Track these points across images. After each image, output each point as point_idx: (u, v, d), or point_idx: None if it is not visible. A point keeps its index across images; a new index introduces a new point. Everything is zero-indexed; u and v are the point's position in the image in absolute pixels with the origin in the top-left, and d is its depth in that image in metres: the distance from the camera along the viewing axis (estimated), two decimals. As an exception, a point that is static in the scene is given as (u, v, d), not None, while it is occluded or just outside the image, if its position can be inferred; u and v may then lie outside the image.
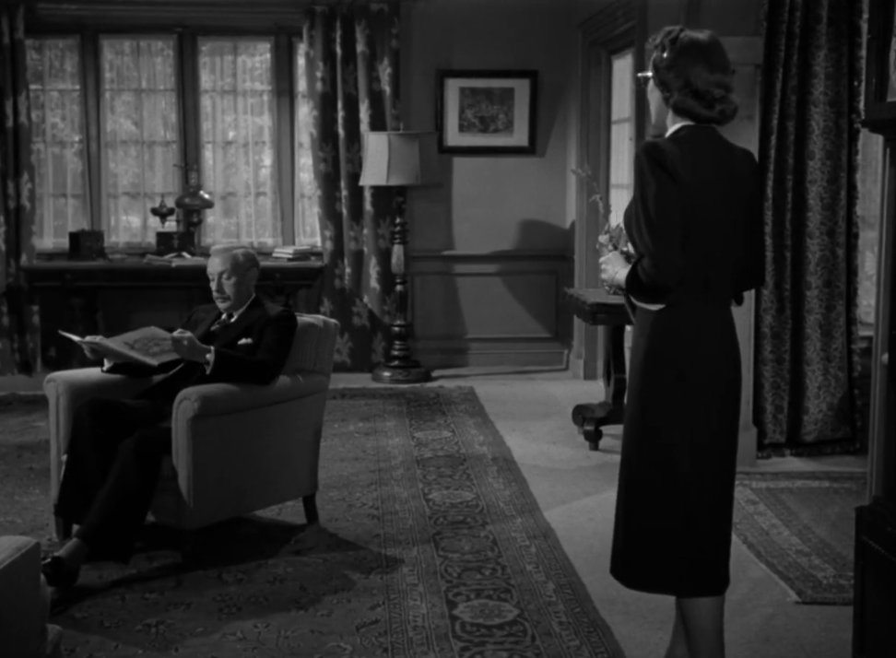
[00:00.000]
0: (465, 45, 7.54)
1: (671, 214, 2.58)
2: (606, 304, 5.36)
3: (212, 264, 4.22)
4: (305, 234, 7.82)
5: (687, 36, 2.67)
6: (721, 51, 2.69)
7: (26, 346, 7.42)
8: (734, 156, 2.72)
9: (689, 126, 2.69)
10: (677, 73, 2.65)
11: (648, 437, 2.71)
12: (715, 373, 2.68)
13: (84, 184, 7.66)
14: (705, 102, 2.65)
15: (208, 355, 3.93)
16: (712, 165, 2.65)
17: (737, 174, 2.70)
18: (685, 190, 2.59)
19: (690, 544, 2.69)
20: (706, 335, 2.67)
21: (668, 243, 2.57)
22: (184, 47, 7.63)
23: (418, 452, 5.39)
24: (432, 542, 4.10)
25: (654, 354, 2.69)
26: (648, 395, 2.70)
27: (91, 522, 3.64)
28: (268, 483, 4.09)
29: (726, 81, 2.67)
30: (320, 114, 7.38)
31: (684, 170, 2.59)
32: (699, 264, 2.63)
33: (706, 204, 2.63)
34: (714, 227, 2.65)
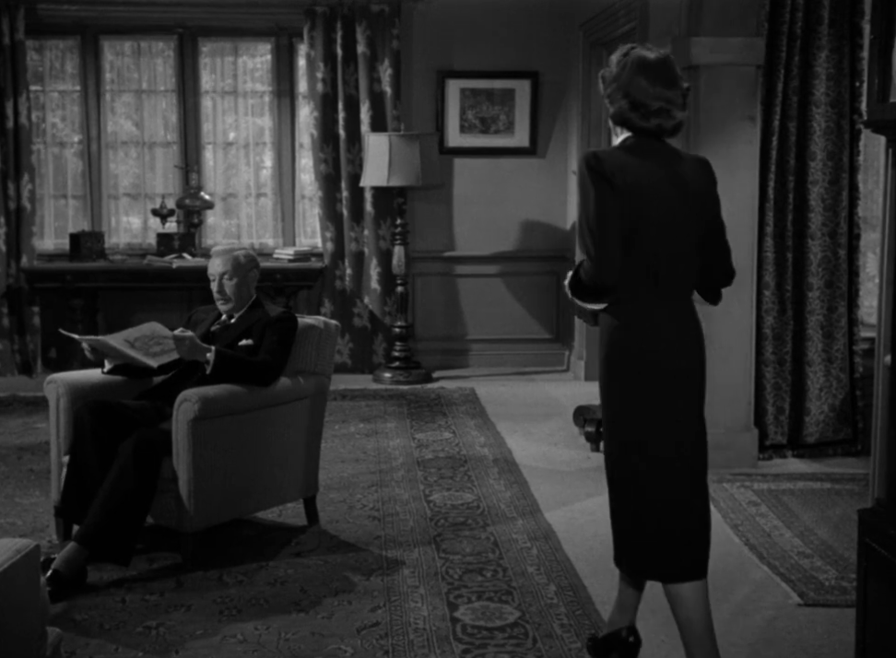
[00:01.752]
0: (466, 46, 7.53)
1: (609, 218, 2.73)
2: (607, 305, 5.34)
3: (213, 265, 4.21)
4: (306, 235, 7.81)
5: (636, 53, 2.81)
6: (668, 68, 2.80)
7: (26, 347, 7.41)
8: (683, 164, 2.85)
9: (634, 137, 2.82)
10: (618, 85, 2.80)
11: (615, 429, 2.87)
12: (668, 364, 2.79)
13: (84, 185, 7.65)
14: (641, 114, 2.78)
15: (209, 354, 3.92)
16: (654, 172, 2.78)
17: (686, 181, 2.82)
18: (623, 195, 2.73)
19: (664, 530, 2.82)
20: (658, 329, 2.80)
21: (606, 246, 2.72)
22: (185, 48, 7.62)
23: (418, 454, 5.38)
24: (433, 544, 4.09)
25: (612, 349, 2.83)
26: (610, 389, 2.86)
27: (90, 524, 3.63)
28: (269, 485, 4.08)
29: (669, 96, 2.78)
30: (320, 115, 7.37)
31: (622, 177, 2.73)
32: (647, 263, 2.77)
33: (648, 208, 2.76)
34: (659, 229, 2.77)
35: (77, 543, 3.61)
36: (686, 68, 5.03)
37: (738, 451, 5.12)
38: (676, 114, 2.80)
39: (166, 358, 3.97)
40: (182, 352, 3.92)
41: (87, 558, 3.63)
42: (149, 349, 3.94)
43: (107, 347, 3.98)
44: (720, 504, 4.57)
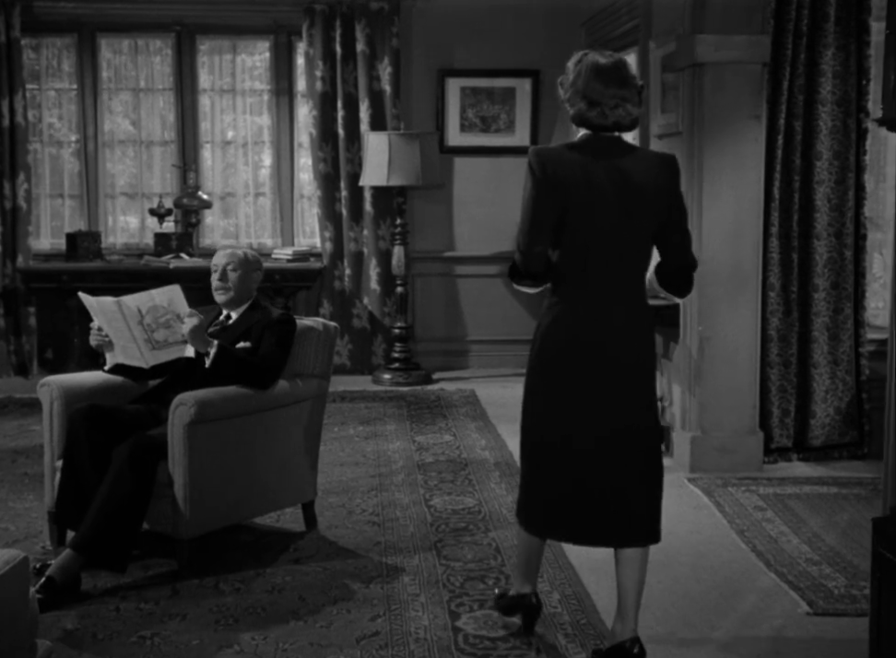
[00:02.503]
0: (467, 44, 7.46)
1: (539, 211, 2.92)
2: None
3: (217, 256, 4.14)
4: (305, 235, 7.74)
5: (590, 58, 2.97)
6: (621, 69, 2.96)
7: (22, 348, 7.34)
8: (636, 161, 2.98)
9: (589, 134, 2.99)
10: (576, 89, 2.95)
11: (525, 399, 3.12)
12: (582, 352, 2.97)
13: (81, 185, 7.58)
14: (599, 113, 2.93)
15: (211, 348, 3.84)
16: (594, 169, 2.93)
17: (629, 177, 2.94)
18: (558, 191, 2.90)
19: (530, 487, 3.12)
20: (580, 319, 2.97)
21: (533, 237, 2.94)
22: (183, 46, 7.55)
23: (418, 457, 5.31)
24: (434, 550, 4.01)
25: (537, 328, 3.08)
26: (529, 362, 3.10)
27: (85, 531, 3.56)
28: (266, 490, 4.00)
29: (623, 94, 2.94)
30: (319, 114, 7.30)
31: (558, 173, 2.90)
32: (577, 255, 2.96)
33: (581, 203, 2.91)
34: (590, 223, 2.93)
35: (72, 550, 3.54)
36: (691, 66, 4.96)
37: (743, 454, 5.04)
38: (632, 110, 2.97)
39: (164, 355, 3.88)
40: (190, 332, 3.83)
41: (82, 565, 3.55)
42: (154, 333, 3.83)
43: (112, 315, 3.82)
44: (725, 509, 4.50)
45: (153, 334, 3.85)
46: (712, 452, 5.03)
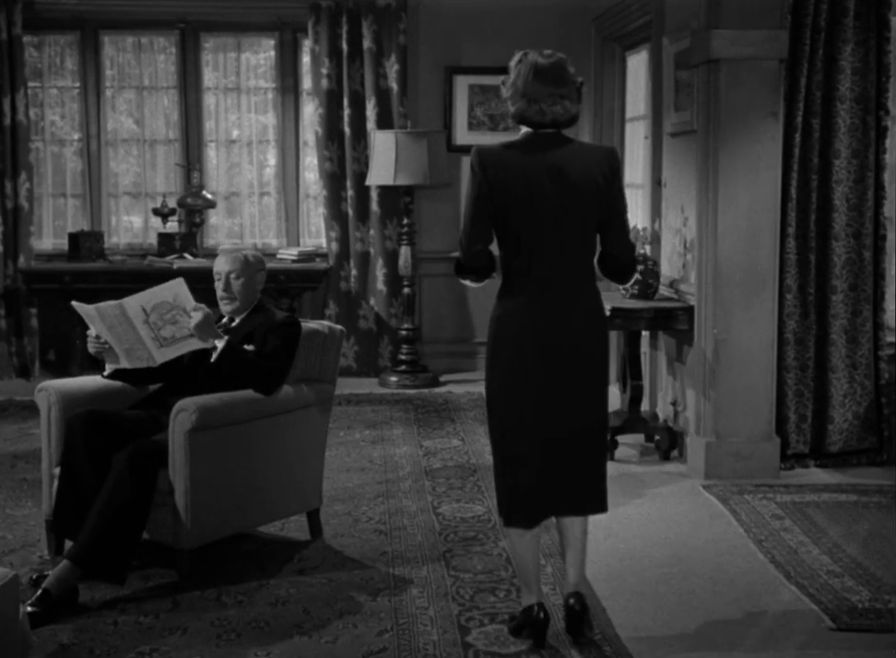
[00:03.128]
0: (475, 41, 7.34)
1: (477, 209, 3.08)
2: (622, 308, 5.16)
3: (219, 263, 4.02)
4: (310, 235, 7.63)
5: (529, 58, 3.09)
6: (560, 67, 3.08)
7: (24, 349, 7.23)
8: (576, 156, 3.09)
9: (529, 132, 3.12)
10: (516, 87, 3.07)
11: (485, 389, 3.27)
12: (528, 342, 3.10)
13: (84, 184, 7.47)
14: (537, 110, 3.05)
15: (219, 341, 3.73)
16: (533, 166, 3.07)
17: (567, 172, 3.07)
18: (496, 189, 3.06)
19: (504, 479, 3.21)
20: (524, 311, 3.11)
21: (472, 235, 3.11)
22: (187, 43, 7.44)
23: (426, 462, 5.19)
24: (443, 560, 3.89)
25: (490, 322, 3.21)
26: (487, 353, 3.25)
27: (83, 542, 3.44)
28: (270, 498, 3.89)
29: (561, 92, 3.06)
30: (325, 112, 7.18)
31: (497, 172, 3.06)
32: (519, 250, 3.10)
33: (519, 200, 3.06)
34: (529, 219, 3.07)
35: (70, 561, 3.42)
36: (705, 62, 4.84)
37: (760, 460, 4.92)
38: (570, 107, 3.08)
39: (173, 351, 3.74)
40: (196, 325, 3.71)
41: (80, 576, 3.44)
42: (161, 330, 3.71)
43: (115, 320, 3.70)
44: (742, 517, 4.37)
45: (160, 331, 3.74)
46: (727, 458, 4.91)
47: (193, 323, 3.71)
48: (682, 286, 5.30)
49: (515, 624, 3.28)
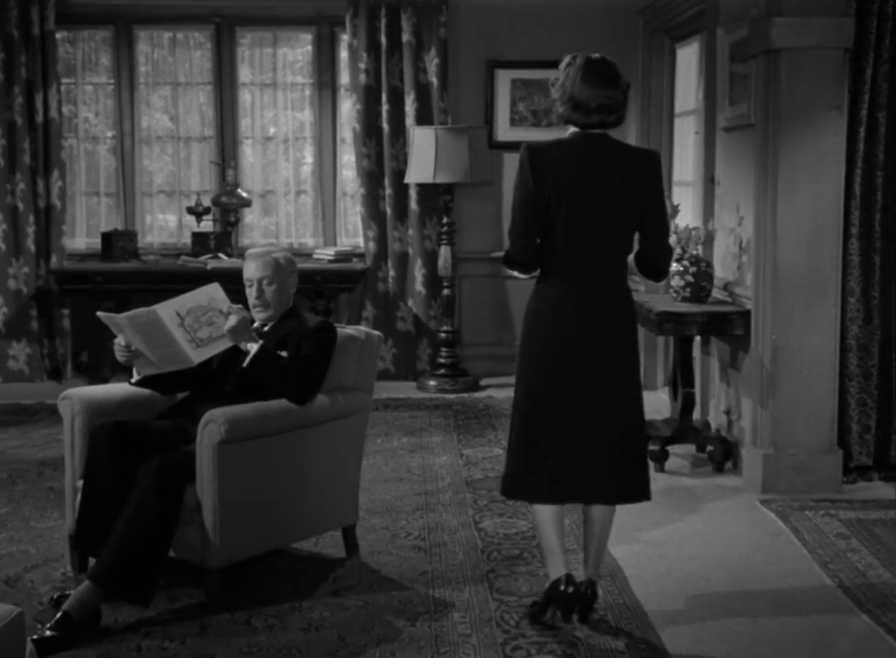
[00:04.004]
0: (518, 34, 7.12)
1: (525, 205, 3.20)
2: (674, 313, 4.90)
3: (249, 268, 3.81)
4: (347, 234, 7.43)
5: (578, 61, 3.20)
6: (608, 70, 3.18)
7: (56, 351, 7.09)
8: (619, 157, 3.21)
9: (576, 132, 3.23)
10: (563, 90, 3.19)
11: (517, 373, 3.38)
12: (561, 333, 3.22)
13: (118, 182, 7.32)
14: (583, 113, 3.16)
15: (254, 345, 3.53)
16: (579, 165, 3.17)
17: (609, 173, 3.17)
18: (544, 186, 3.16)
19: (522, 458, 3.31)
20: (561, 303, 3.23)
21: (519, 228, 3.23)
22: (222, 38, 7.26)
23: (467, 473, 4.96)
24: (486, 582, 3.66)
25: (527, 311, 3.35)
26: (521, 341, 3.37)
27: (105, 562, 3.25)
28: (304, 514, 3.68)
29: (608, 94, 3.16)
30: (363, 108, 6.98)
31: (549, 170, 3.16)
32: (560, 245, 3.21)
33: (564, 197, 3.17)
34: (572, 216, 3.18)
35: (92, 582, 3.23)
36: (765, 53, 4.57)
37: (821, 473, 4.64)
38: (617, 108, 3.18)
39: (210, 350, 3.55)
40: (231, 328, 3.52)
41: (103, 597, 3.24)
42: (197, 332, 3.52)
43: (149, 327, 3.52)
44: (804, 536, 4.11)
45: (196, 333, 3.55)
46: (786, 471, 4.64)
47: (228, 325, 3.53)
48: (737, 288, 5.04)
49: (543, 601, 3.32)
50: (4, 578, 3.64)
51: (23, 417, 6.01)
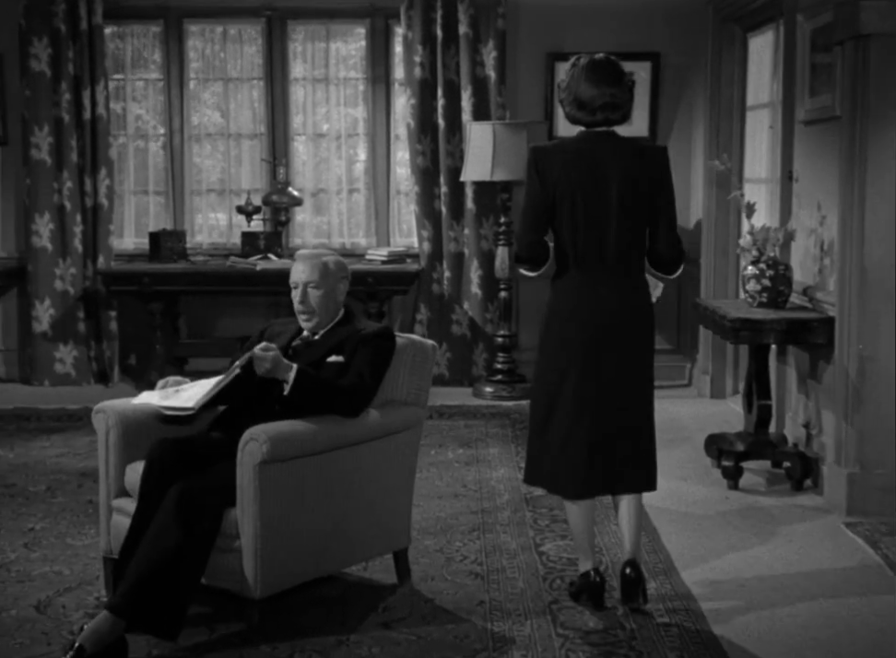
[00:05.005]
0: (579, 25, 6.82)
1: (533, 205, 3.32)
2: (750, 320, 4.57)
3: (296, 271, 3.54)
4: (401, 234, 7.18)
5: (581, 61, 3.30)
6: (610, 69, 3.28)
7: (103, 354, 6.93)
8: (627, 154, 3.29)
9: (583, 131, 3.33)
10: (568, 91, 3.28)
11: (536, 366, 3.51)
12: (577, 326, 3.33)
13: (167, 180, 7.13)
14: (588, 112, 3.25)
15: (290, 373, 3.27)
16: (593, 162, 3.27)
17: (617, 170, 3.26)
18: (551, 186, 3.27)
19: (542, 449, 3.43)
20: (576, 298, 3.34)
21: (526, 227, 3.35)
22: (273, 32, 7.04)
23: (526, 489, 4.66)
24: (549, 614, 3.37)
25: (547, 307, 3.44)
26: (540, 336, 3.47)
27: (123, 590, 3.00)
28: (352, 539, 3.41)
29: (612, 92, 3.25)
30: (418, 103, 6.72)
31: (555, 170, 3.27)
32: (571, 242, 3.31)
33: (572, 196, 3.27)
34: (581, 213, 3.28)
35: (109, 612, 2.98)
36: (852, 38, 4.22)
37: (912, 496, 4.29)
38: (621, 106, 3.27)
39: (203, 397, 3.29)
40: (261, 370, 3.28)
41: (124, 629, 3.00)
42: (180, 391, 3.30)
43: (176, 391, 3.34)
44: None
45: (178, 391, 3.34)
46: (874, 492, 4.28)
47: (262, 369, 3.25)
48: (818, 294, 4.68)
49: (575, 589, 3.45)
50: (34, 602, 3.43)
51: (67, 424, 5.83)
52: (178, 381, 3.44)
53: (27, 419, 5.93)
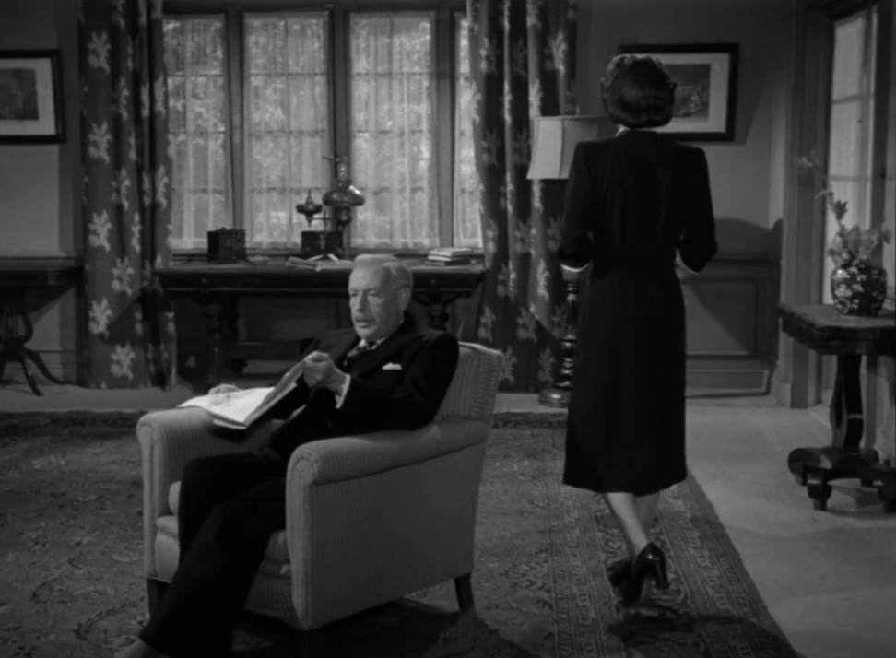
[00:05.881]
0: (653, 15, 6.54)
1: (578, 201, 3.36)
2: (841, 328, 4.24)
3: (355, 277, 3.31)
4: (465, 234, 6.93)
5: (625, 62, 3.36)
6: (655, 70, 3.34)
7: (160, 356, 6.78)
8: (667, 155, 3.37)
9: (626, 131, 3.39)
10: (612, 92, 3.35)
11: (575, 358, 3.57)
12: (617, 322, 3.37)
13: (226, 179, 6.97)
14: (632, 113, 3.33)
15: (343, 384, 3.05)
16: (635, 162, 3.33)
17: (659, 170, 3.33)
18: (597, 183, 3.32)
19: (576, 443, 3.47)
20: (616, 294, 3.39)
21: (572, 222, 3.40)
22: (336, 26, 6.83)
23: (596, 506, 4.39)
24: (623, 651, 3.09)
25: (584, 303, 3.51)
26: (578, 329, 3.55)
27: (160, 616, 2.80)
28: (410, 564, 3.17)
29: (655, 94, 3.32)
30: (484, 98, 6.47)
31: (605, 167, 3.32)
32: (614, 239, 3.37)
33: (620, 194, 3.33)
34: (624, 211, 3.34)
35: (143, 641, 2.78)
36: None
37: None
38: (664, 107, 3.34)
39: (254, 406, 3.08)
40: (311, 382, 3.06)
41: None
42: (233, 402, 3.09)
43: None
44: None
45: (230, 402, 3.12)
46: (976, 516, 3.95)
47: (313, 381, 3.03)
48: (915, 300, 4.34)
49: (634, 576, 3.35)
50: (75, 626, 3.24)
51: (121, 429, 5.68)
52: (229, 389, 3.24)
53: (81, 424, 5.80)
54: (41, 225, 6.86)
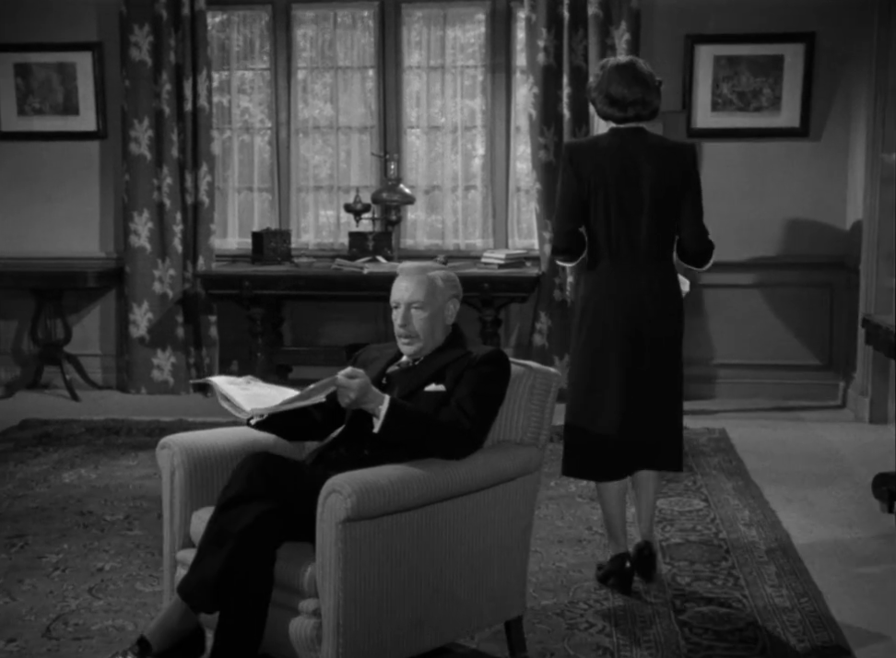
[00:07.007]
0: (722, 2, 6.25)
1: (567, 198, 3.48)
2: (935, 342, 3.84)
3: (398, 288, 2.99)
4: (520, 235, 6.60)
5: (610, 62, 3.50)
6: (637, 69, 3.44)
7: (202, 361, 6.54)
8: (655, 150, 3.44)
9: (614, 127, 3.49)
10: (599, 89, 3.46)
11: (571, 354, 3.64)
12: (609, 316, 3.45)
13: (272, 177, 6.70)
14: (619, 108, 3.43)
15: (382, 406, 2.73)
16: (624, 158, 3.42)
17: (655, 165, 3.41)
18: (584, 180, 3.43)
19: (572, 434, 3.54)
20: (608, 288, 3.46)
21: (560, 218, 3.52)
22: (387, 18, 6.53)
23: (660, 534, 4.04)
24: (694, 711, 2.75)
25: (578, 297, 3.59)
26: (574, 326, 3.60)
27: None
28: (455, 608, 2.83)
29: (642, 90, 3.42)
30: (541, 92, 6.14)
31: (588, 164, 3.43)
32: (602, 234, 3.46)
33: (608, 190, 3.42)
34: (612, 206, 3.43)
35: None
36: None
37: None
38: (651, 102, 3.44)
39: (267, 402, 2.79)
40: (344, 402, 2.75)
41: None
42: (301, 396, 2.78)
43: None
44: None
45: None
46: None
47: (346, 400, 2.72)
48: None
49: (604, 572, 3.56)
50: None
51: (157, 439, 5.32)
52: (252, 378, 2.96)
53: (116, 433, 5.56)
54: (80, 224, 6.66)
